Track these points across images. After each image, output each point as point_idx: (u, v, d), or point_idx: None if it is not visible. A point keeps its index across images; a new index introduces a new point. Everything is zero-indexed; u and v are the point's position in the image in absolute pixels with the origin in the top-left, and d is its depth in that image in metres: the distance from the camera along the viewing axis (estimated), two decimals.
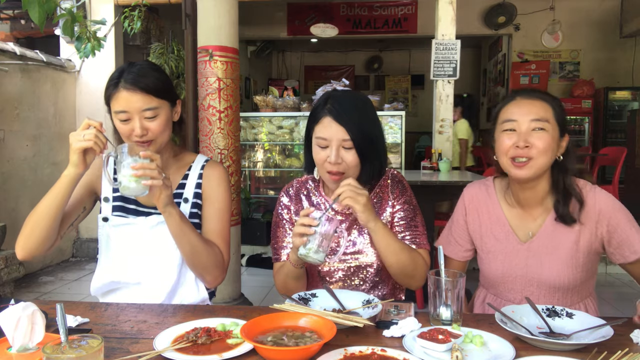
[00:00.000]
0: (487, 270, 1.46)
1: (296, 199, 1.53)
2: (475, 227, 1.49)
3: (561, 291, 1.37)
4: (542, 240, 1.38)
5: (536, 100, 1.35)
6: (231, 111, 3.14)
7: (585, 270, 1.37)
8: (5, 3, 4.43)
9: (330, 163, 1.33)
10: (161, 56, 4.85)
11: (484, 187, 1.50)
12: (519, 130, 1.32)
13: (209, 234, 1.47)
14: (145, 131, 1.35)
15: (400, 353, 0.97)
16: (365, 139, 1.34)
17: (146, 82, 1.36)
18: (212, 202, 1.49)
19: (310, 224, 1.21)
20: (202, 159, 1.55)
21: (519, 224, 1.42)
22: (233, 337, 1.05)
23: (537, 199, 1.39)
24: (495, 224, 1.44)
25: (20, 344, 0.95)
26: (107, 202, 1.49)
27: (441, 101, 4.69)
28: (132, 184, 1.25)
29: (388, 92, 10.63)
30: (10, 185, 4.13)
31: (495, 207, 1.46)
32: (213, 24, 3.07)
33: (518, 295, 1.41)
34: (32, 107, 4.39)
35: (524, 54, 7.72)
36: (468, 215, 1.51)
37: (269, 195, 5.71)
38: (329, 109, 1.34)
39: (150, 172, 1.25)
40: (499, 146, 1.36)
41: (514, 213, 1.43)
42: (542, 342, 1.02)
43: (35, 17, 1.88)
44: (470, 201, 1.51)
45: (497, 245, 1.43)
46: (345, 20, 7.73)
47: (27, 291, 3.93)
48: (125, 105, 1.34)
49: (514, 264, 1.40)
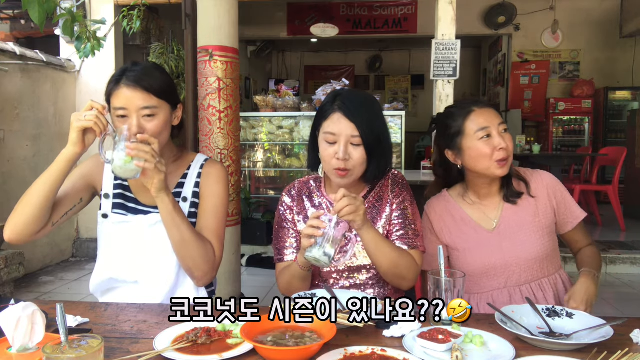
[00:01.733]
0: (466, 267, 1.53)
1: (298, 199, 1.53)
2: (445, 233, 1.57)
3: (538, 262, 1.50)
4: (507, 222, 1.52)
5: (489, 107, 1.50)
6: (231, 111, 3.14)
7: (552, 240, 1.53)
8: (5, 3, 4.43)
9: (338, 159, 1.33)
10: (161, 56, 4.85)
11: (442, 198, 1.63)
12: (493, 134, 1.45)
13: (203, 230, 1.45)
14: (141, 130, 1.35)
15: (400, 353, 0.97)
16: (373, 136, 1.34)
17: (148, 80, 1.36)
18: (208, 199, 1.48)
19: (319, 226, 1.20)
20: (201, 158, 1.55)
21: (481, 217, 1.55)
22: (233, 337, 1.05)
23: (495, 191, 1.55)
24: (461, 223, 1.56)
25: (20, 344, 0.95)
26: (108, 198, 1.48)
27: (441, 101, 4.69)
28: (125, 165, 1.25)
29: (388, 92, 10.63)
30: (10, 185, 4.13)
31: (456, 210, 1.58)
32: (213, 24, 3.07)
33: (502, 280, 1.50)
34: (32, 107, 4.39)
35: (524, 54, 7.72)
36: (435, 226, 1.59)
37: (269, 195, 5.71)
38: (339, 105, 1.35)
39: (144, 155, 1.25)
40: (479, 154, 1.46)
41: (475, 209, 1.57)
42: (542, 342, 1.02)
43: (35, 17, 1.88)
44: (434, 213, 1.61)
45: (470, 241, 1.54)
46: (345, 20, 7.72)
47: (27, 291, 3.93)
48: (125, 102, 1.34)
49: (490, 251, 1.51)
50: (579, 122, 7.44)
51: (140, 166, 1.25)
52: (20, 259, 3.53)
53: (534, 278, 1.50)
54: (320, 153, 1.39)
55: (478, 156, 1.46)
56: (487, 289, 1.52)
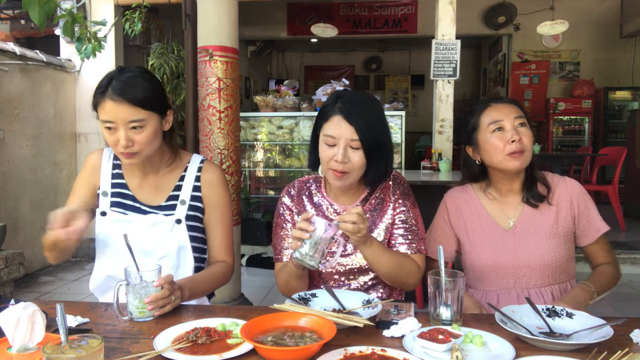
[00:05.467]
0: (476, 262, 1.53)
1: (298, 199, 1.53)
2: (461, 225, 1.58)
3: (550, 268, 1.48)
4: (524, 224, 1.51)
5: (508, 103, 1.50)
6: (231, 111, 3.14)
7: (567, 249, 1.50)
8: (5, 3, 4.43)
9: (337, 161, 1.32)
10: (161, 56, 4.85)
11: (463, 190, 1.63)
12: (507, 128, 1.45)
13: (216, 239, 1.52)
14: (130, 142, 1.33)
15: (400, 353, 0.97)
16: (373, 140, 1.33)
17: (134, 93, 1.32)
18: (215, 208, 1.52)
19: (306, 228, 1.20)
20: (197, 159, 1.55)
21: (499, 214, 1.54)
22: (233, 337, 1.05)
23: (516, 190, 1.54)
24: (478, 218, 1.56)
25: (20, 344, 0.95)
26: (106, 196, 1.48)
27: (441, 101, 4.69)
28: (143, 316, 1.19)
29: (388, 92, 10.62)
30: (10, 185, 4.13)
31: (476, 204, 1.58)
32: (213, 24, 3.07)
33: (511, 280, 1.50)
34: (32, 107, 4.39)
35: (524, 54, 7.72)
36: (451, 216, 1.60)
37: (269, 195, 5.71)
38: (340, 108, 1.34)
39: (163, 302, 1.20)
40: (492, 147, 1.47)
41: (494, 205, 1.56)
42: (542, 342, 1.02)
43: (36, 17, 1.88)
44: (452, 203, 1.62)
45: (484, 237, 1.54)
46: (345, 20, 7.72)
47: (27, 291, 3.93)
48: (111, 115, 1.32)
49: (503, 249, 1.50)
50: (579, 122, 7.44)
51: (159, 313, 1.20)
52: (20, 259, 3.52)
53: (544, 283, 1.49)
54: (319, 154, 1.39)
55: (491, 149, 1.47)
56: (495, 287, 1.52)
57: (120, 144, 1.33)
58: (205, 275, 1.47)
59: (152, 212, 1.45)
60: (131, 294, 1.18)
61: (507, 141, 1.43)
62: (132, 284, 1.19)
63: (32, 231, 4.37)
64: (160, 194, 1.49)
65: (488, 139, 1.47)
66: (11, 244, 3.79)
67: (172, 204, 1.47)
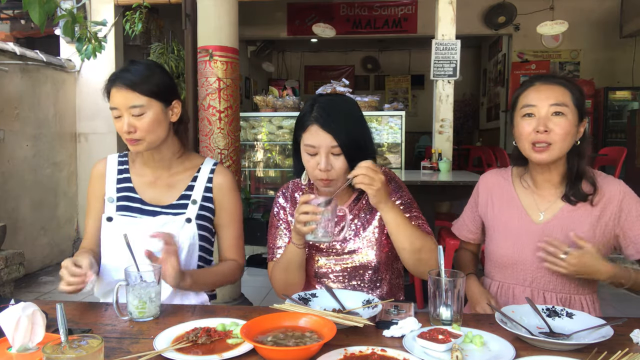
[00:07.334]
0: (497, 250, 1.46)
1: (292, 199, 1.54)
2: (489, 208, 1.52)
3: (574, 277, 1.33)
4: (557, 221, 1.38)
5: (555, 85, 1.36)
6: (231, 111, 3.14)
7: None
8: (6, 3, 4.43)
9: (321, 170, 1.34)
10: (161, 56, 4.85)
11: (500, 173, 1.55)
12: (538, 115, 1.33)
13: (227, 240, 1.56)
14: (132, 128, 1.39)
15: (400, 353, 0.97)
16: (353, 144, 1.34)
17: (134, 79, 1.38)
18: (227, 211, 1.55)
19: (314, 211, 1.23)
20: (210, 162, 1.58)
21: (531, 205, 1.44)
22: (233, 337, 1.05)
23: (553, 183, 1.41)
24: (507, 204, 1.47)
25: (20, 344, 0.95)
26: (112, 202, 1.50)
27: (441, 101, 4.70)
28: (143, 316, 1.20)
29: (388, 92, 10.63)
30: (10, 185, 4.13)
31: (509, 189, 1.49)
32: (213, 24, 3.07)
33: (529, 278, 1.41)
34: (32, 107, 4.39)
35: (524, 54, 7.72)
36: (480, 197, 1.56)
37: (269, 195, 5.70)
38: (315, 117, 1.34)
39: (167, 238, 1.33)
40: (519, 131, 1.37)
41: (527, 194, 1.45)
42: (542, 342, 1.02)
43: (36, 17, 1.88)
44: (485, 184, 1.56)
45: (510, 225, 1.45)
46: (345, 20, 7.72)
47: (27, 291, 3.92)
48: (115, 102, 1.40)
49: (526, 243, 1.40)
50: None
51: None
52: (20, 259, 3.52)
53: (563, 290, 1.39)
54: (304, 163, 1.40)
55: (518, 135, 1.38)
56: (510, 280, 1.45)
57: (123, 129, 1.40)
58: (211, 269, 1.52)
59: (162, 212, 1.46)
60: (131, 294, 1.19)
61: (533, 129, 1.32)
62: (132, 284, 1.20)
63: (32, 231, 4.37)
64: (172, 192, 1.52)
65: (518, 122, 1.37)
66: (11, 244, 3.79)
67: (183, 203, 1.50)
